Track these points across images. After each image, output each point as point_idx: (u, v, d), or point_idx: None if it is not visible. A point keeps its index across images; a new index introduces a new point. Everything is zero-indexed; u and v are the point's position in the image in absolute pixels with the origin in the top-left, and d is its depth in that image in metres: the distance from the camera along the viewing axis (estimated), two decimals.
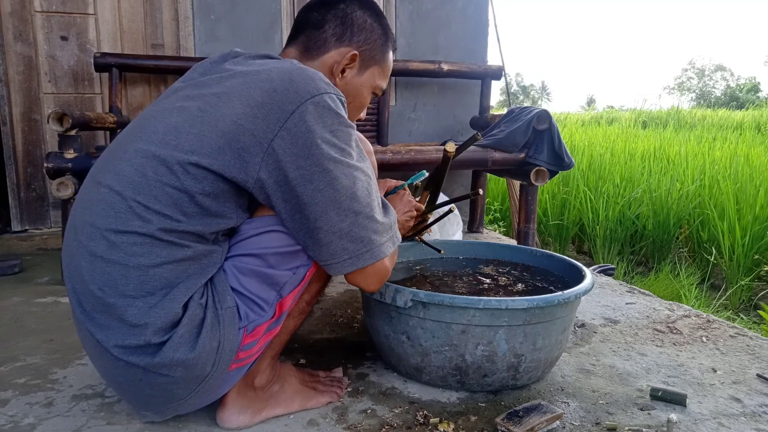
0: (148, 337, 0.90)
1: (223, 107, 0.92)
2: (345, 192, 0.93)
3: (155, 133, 0.93)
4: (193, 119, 0.92)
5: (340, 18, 1.10)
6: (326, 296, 1.96)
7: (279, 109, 0.91)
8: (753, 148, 6.75)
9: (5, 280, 2.11)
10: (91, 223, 0.92)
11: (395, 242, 1.04)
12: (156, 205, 0.90)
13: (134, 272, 0.90)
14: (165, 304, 0.91)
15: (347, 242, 0.95)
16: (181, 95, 0.98)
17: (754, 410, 1.21)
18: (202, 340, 0.93)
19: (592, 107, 46.17)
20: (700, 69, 58.28)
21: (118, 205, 0.90)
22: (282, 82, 0.93)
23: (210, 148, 0.90)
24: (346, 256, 0.96)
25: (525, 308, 1.16)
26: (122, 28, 2.94)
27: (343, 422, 1.12)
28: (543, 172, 2.54)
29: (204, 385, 0.97)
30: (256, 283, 0.97)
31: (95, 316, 0.92)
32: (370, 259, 0.98)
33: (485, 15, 3.38)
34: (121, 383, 0.97)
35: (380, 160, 2.43)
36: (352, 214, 0.94)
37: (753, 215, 3.80)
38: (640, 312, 1.87)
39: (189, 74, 1.07)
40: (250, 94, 0.92)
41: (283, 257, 0.98)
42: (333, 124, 0.93)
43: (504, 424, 1.08)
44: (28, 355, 1.42)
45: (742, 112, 15.29)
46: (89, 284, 0.91)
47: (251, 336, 0.98)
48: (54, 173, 2.05)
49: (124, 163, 0.93)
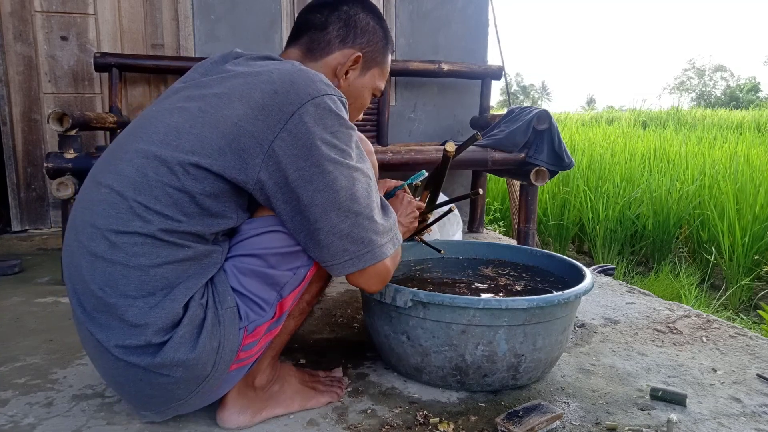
0: (149, 337, 0.90)
1: (224, 108, 0.92)
2: (345, 193, 0.93)
3: (156, 134, 0.93)
4: (194, 120, 0.92)
5: (343, 20, 1.11)
6: (326, 296, 1.96)
7: (279, 110, 0.91)
8: (753, 148, 6.76)
9: (5, 280, 2.11)
10: (92, 224, 0.92)
11: (396, 243, 1.04)
12: (157, 206, 0.90)
13: (135, 272, 0.90)
14: (166, 304, 0.91)
15: (348, 243, 0.95)
16: (182, 96, 0.98)
17: (754, 410, 1.21)
18: (203, 340, 0.93)
19: (592, 107, 46.19)
20: (700, 69, 58.32)
21: (119, 206, 0.90)
22: (283, 84, 0.93)
23: (210, 149, 0.90)
24: (346, 257, 0.96)
25: (525, 308, 1.16)
26: (122, 28, 2.94)
27: (343, 422, 1.12)
28: (543, 172, 2.54)
29: (204, 385, 0.97)
30: (256, 284, 0.97)
31: (96, 316, 0.92)
32: (371, 259, 0.98)
33: (485, 15, 3.38)
34: (121, 383, 0.97)
35: (380, 160, 2.43)
36: (352, 215, 0.94)
37: (753, 215, 3.80)
38: (640, 312, 1.87)
39: (189, 74, 1.07)
40: (251, 96, 0.92)
41: (284, 257, 0.98)
42: (333, 126, 0.94)
43: (504, 424, 1.08)
44: (28, 355, 1.42)
45: (742, 111, 15.28)
46: (90, 284, 0.91)
47: (251, 336, 0.98)
48: (54, 173, 2.05)
49: (125, 164, 0.93)
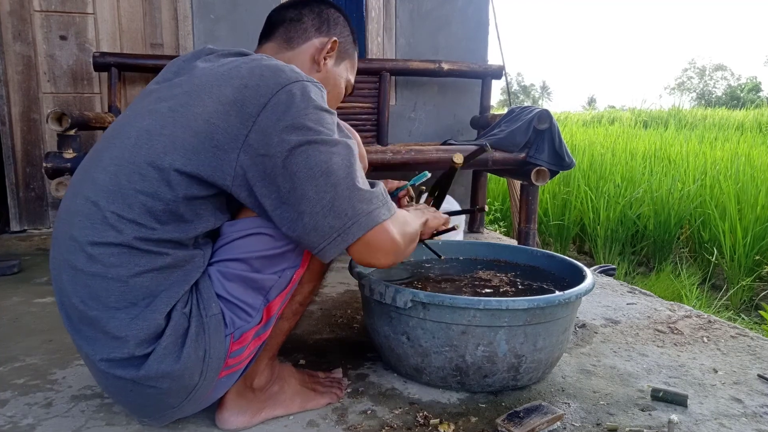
0: (131, 349, 0.89)
1: (195, 106, 0.90)
2: (320, 168, 0.88)
3: (128, 139, 0.92)
4: (164, 121, 0.90)
5: (316, 12, 1.17)
6: (326, 296, 1.96)
7: (251, 103, 0.90)
8: (754, 148, 6.75)
9: (4, 280, 2.10)
10: (70, 236, 0.90)
11: (391, 209, 0.95)
12: (130, 214, 0.88)
13: (114, 283, 0.88)
14: (147, 315, 0.89)
15: (332, 219, 0.88)
16: (154, 98, 0.96)
17: (755, 411, 1.20)
18: (187, 350, 0.91)
19: (592, 107, 46.17)
20: (701, 69, 58.32)
21: (94, 216, 0.89)
22: (252, 77, 0.92)
23: (184, 148, 0.88)
24: (334, 235, 0.89)
25: (525, 309, 1.16)
26: (121, 27, 2.94)
27: (343, 423, 1.12)
28: (543, 171, 2.53)
29: (195, 393, 0.96)
30: (241, 289, 0.96)
31: (82, 329, 0.92)
32: (359, 230, 0.90)
33: (485, 14, 3.38)
34: (114, 393, 0.97)
35: (380, 160, 2.43)
36: (330, 188, 0.88)
37: (754, 215, 3.79)
38: (641, 312, 1.86)
39: (163, 74, 1.04)
40: (222, 92, 0.91)
41: (269, 260, 0.97)
42: (304, 109, 0.91)
43: (504, 425, 1.07)
44: (27, 356, 1.42)
45: (743, 111, 15.25)
46: (72, 298, 0.90)
47: (238, 343, 0.97)
48: (53, 173, 2.05)
49: (99, 172, 0.91)
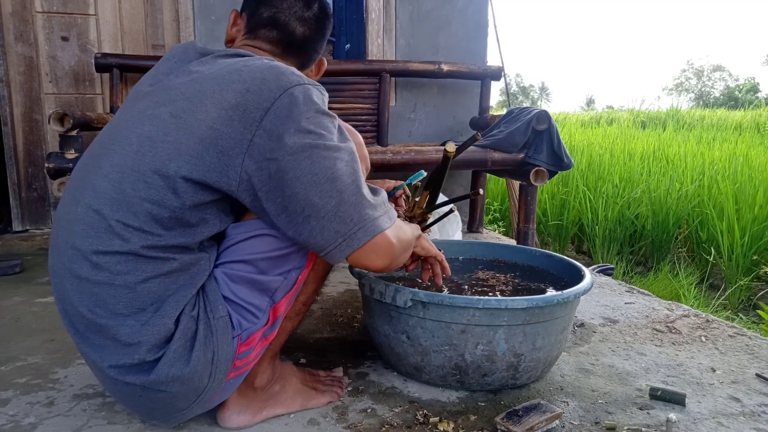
0: (142, 355, 0.89)
1: (197, 112, 0.90)
2: (325, 173, 0.89)
3: (129, 145, 0.91)
4: (166, 127, 0.90)
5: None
6: (327, 296, 1.96)
7: (254, 108, 0.90)
8: (752, 148, 6.76)
9: (6, 280, 2.11)
10: (72, 245, 0.90)
11: (392, 218, 0.98)
12: (136, 222, 0.88)
13: (122, 290, 0.88)
14: (156, 320, 0.89)
15: (337, 224, 0.90)
16: (151, 101, 0.95)
17: (753, 410, 1.21)
18: (196, 353, 0.92)
19: (591, 108, 46.14)
20: (699, 69, 58.27)
21: (98, 225, 0.88)
22: (254, 82, 0.91)
23: (188, 155, 0.88)
24: (340, 239, 0.90)
25: (524, 308, 1.17)
26: (123, 28, 2.95)
27: (344, 421, 1.13)
28: (542, 172, 2.54)
29: (203, 395, 0.97)
30: (247, 291, 0.96)
31: (89, 336, 0.92)
32: (364, 236, 0.91)
33: (485, 15, 3.38)
34: (122, 398, 0.98)
35: (380, 160, 2.44)
36: (336, 194, 0.89)
37: (752, 215, 3.80)
38: (639, 312, 1.87)
39: (153, 73, 1.03)
40: (224, 97, 0.90)
41: (274, 261, 0.97)
42: (306, 112, 0.91)
43: (503, 424, 1.08)
44: (29, 355, 1.43)
45: (741, 112, 15.26)
46: (78, 307, 0.90)
47: (246, 344, 0.98)
48: (55, 173, 2.05)
49: (100, 179, 0.90)
